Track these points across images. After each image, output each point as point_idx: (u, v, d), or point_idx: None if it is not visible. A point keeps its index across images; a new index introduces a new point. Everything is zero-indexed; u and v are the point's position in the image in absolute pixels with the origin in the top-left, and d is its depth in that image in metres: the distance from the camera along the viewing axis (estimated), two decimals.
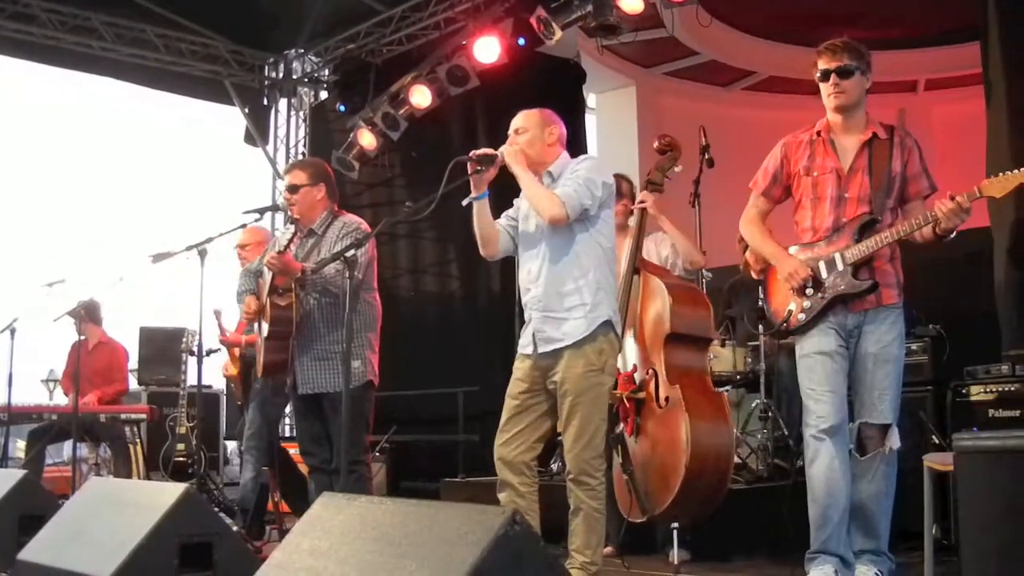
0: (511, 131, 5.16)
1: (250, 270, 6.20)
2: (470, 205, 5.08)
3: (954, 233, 4.65)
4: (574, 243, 5.00)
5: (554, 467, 7.53)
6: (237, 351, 7.72)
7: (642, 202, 6.14)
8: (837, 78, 4.86)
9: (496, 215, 5.19)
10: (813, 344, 4.91)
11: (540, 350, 4.99)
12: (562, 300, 4.97)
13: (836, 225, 4.88)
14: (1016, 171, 4.51)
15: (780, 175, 5.10)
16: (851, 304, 4.83)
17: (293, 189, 5.92)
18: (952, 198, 4.53)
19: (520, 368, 5.08)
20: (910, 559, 5.66)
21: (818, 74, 4.95)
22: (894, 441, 4.75)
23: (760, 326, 7.64)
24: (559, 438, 5.28)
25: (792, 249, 5.02)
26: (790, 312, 4.95)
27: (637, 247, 5.90)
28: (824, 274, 4.86)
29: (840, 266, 4.83)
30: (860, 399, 4.84)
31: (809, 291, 4.87)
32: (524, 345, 5.08)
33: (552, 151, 5.16)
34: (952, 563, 5.04)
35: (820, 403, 4.83)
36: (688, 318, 5.60)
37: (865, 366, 4.81)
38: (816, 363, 4.88)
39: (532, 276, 5.07)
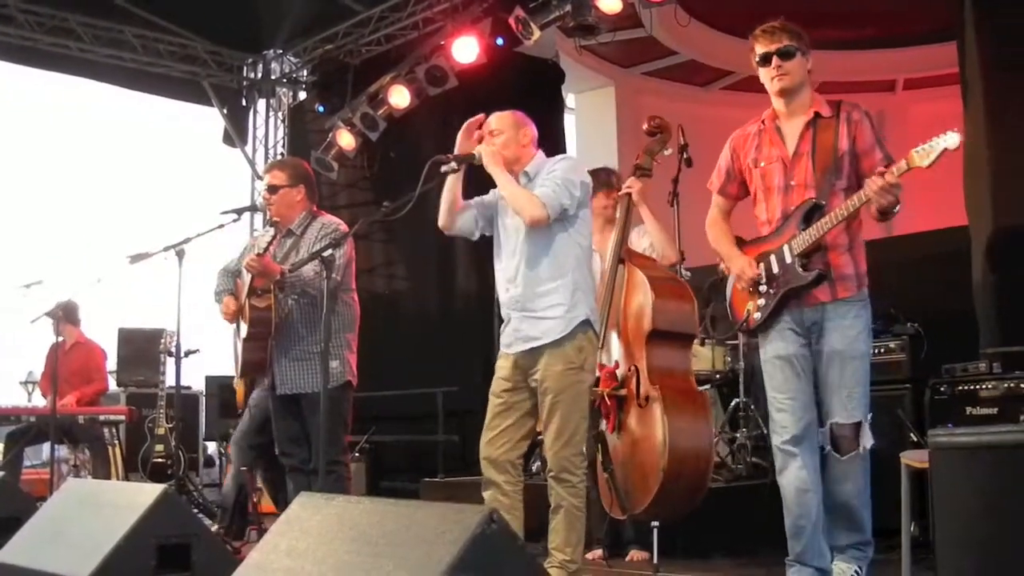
0: (487, 131, 5.18)
1: (228, 269, 6.18)
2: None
3: (894, 211, 4.42)
4: (552, 243, 5.04)
5: (533, 467, 7.53)
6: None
7: (628, 188, 6.04)
8: (779, 60, 4.74)
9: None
10: (772, 348, 4.78)
11: (519, 349, 5.02)
12: (540, 300, 5.00)
13: (784, 215, 4.72)
14: (939, 136, 4.27)
15: (732, 171, 5.01)
16: (804, 299, 4.65)
17: (272, 189, 5.91)
18: (881, 174, 4.36)
19: (503, 367, 5.11)
20: (889, 557, 5.68)
21: (757, 59, 4.84)
22: (867, 439, 4.62)
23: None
24: (539, 437, 5.29)
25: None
26: (748, 312, 4.82)
27: (622, 236, 5.83)
28: (775, 268, 4.70)
29: (788, 258, 4.65)
30: (829, 399, 4.65)
31: (763, 287, 4.74)
32: (506, 344, 5.10)
33: (527, 152, 5.19)
34: (929, 560, 5.05)
35: (781, 412, 4.72)
36: (671, 314, 5.54)
37: (831, 364, 4.63)
38: (775, 369, 4.76)
39: (510, 276, 5.09)
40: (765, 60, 4.79)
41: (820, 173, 4.64)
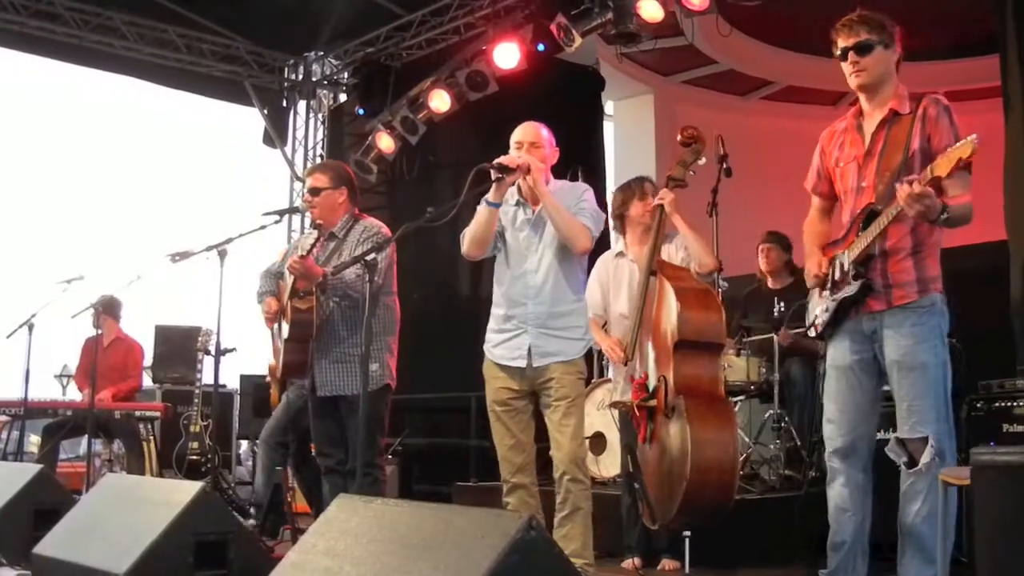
0: (524, 142, 5.22)
1: (270, 271, 6.23)
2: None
3: (942, 218, 4.12)
4: (573, 266, 5.25)
5: None
6: None
7: (660, 199, 6.01)
8: (855, 55, 4.47)
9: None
10: (830, 356, 4.60)
11: (535, 364, 5.15)
12: (562, 319, 5.18)
13: (851, 218, 4.51)
14: (959, 143, 3.96)
15: (821, 170, 4.78)
16: (861, 307, 4.43)
17: (315, 192, 5.94)
18: (910, 183, 4.06)
19: (504, 377, 5.24)
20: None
21: (837, 53, 4.56)
22: (926, 456, 4.27)
23: (775, 335, 7.68)
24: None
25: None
26: (816, 315, 4.65)
27: (654, 248, 5.84)
28: (837, 275, 4.53)
29: (845, 265, 4.47)
30: (897, 411, 4.39)
31: (826, 293, 4.58)
32: (510, 358, 5.18)
33: (548, 171, 5.30)
34: None
35: (829, 424, 4.57)
36: (697, 324, 5.51)
37: (892, 376, 4.39)
38: (830, 378, 4.59)
39: (532, 291, 5.17)
40: (843, 55, 4.52)
41: (881, 174, 4.40)
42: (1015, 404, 5.90)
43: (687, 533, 5.51)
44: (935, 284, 4.40)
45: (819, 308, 4.63)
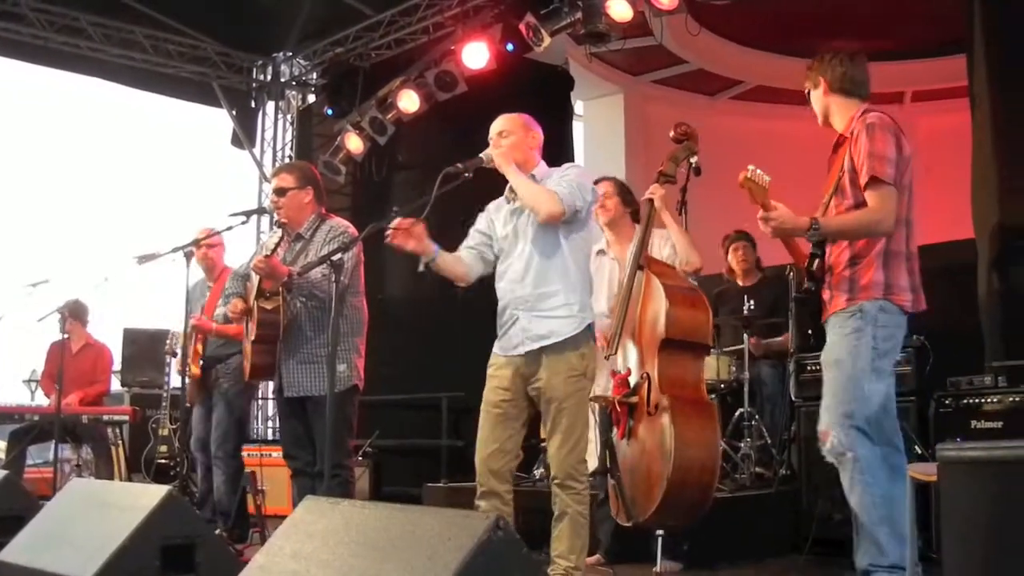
0: (493, 134, 5.20)
1: (237, 273, 6.19)
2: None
3: (809, 234, 4.48)
4: (560, 245, 5.09)
5: (537, 473, 7.53)
6: (200, 348, 7.55)
7: (651, 194, 5.98)
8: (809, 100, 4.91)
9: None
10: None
11: (527, 349, 5.03)
12: (549, 299, 5.05)
13: None
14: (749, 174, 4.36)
15: None
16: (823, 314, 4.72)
17: (281, 192, 5.91)
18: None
19: (502, 376, 5.11)
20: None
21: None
22: (826, 445, 4.51)
23: (745, 334, 7.70)
24: (542, 444, 5.29)
25: None
26: None
27: (643, 242, 5.82)
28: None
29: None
30: None
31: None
32: (510, 347, 5.09)
33: (534, 156, 5.25)
34: (934, 573, 5.04)
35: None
36: (685, 323, 5.51)
37: None
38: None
39: (517, 276, 5.10)
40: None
41: (825, 195, 4.68)
42: (983, 401, 5.93)
43: (660, 532, 5.50)
44: (866, 292, 4.56)
45: None
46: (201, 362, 7.47)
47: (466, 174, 5.00)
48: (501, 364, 5.14)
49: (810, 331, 6.92)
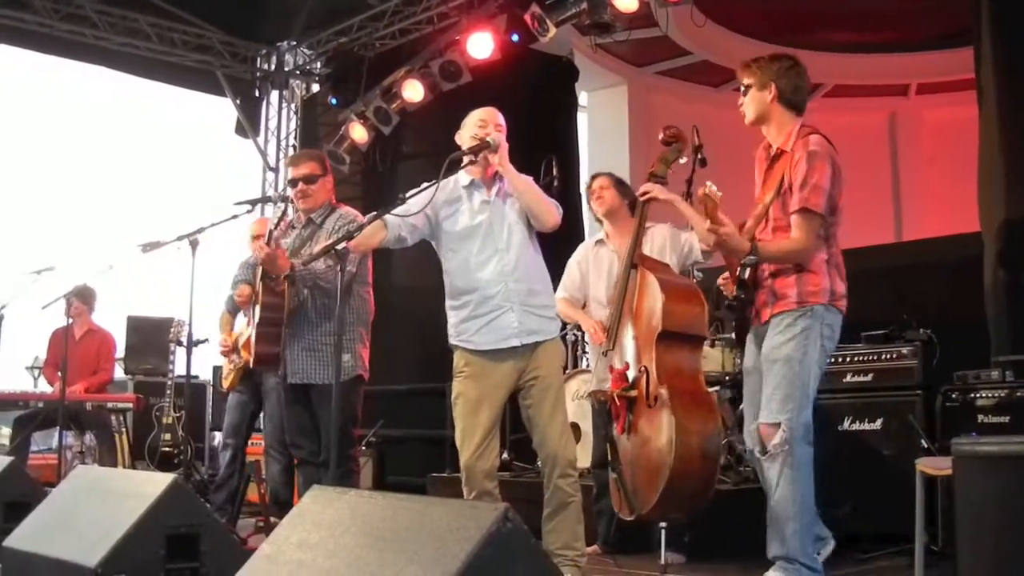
0: (492, 122, 5.18)
1: (247, 262, 6.19)
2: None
3: (749, 256, 4.74)
4: (535, 248, 5.22)
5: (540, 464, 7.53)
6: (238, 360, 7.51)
7: (644, 193, 5.93)
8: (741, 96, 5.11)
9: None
10: (744, 359, 5.08)
11: (522, 341, 5.06)
12: (536, 297, 5.15)
13: None
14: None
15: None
16: (755, 318, 4.89)
17: (311, 179, 5.91)
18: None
19: (485, 368, 5.11)
20: (895, 563, 5.67)
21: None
22: (776, 439, 4.63)
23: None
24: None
25: None
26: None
27: (636, 241, 5.82)
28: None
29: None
30: (762, 400, 4.78)
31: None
32: (498, 339, 5.08)
33: None
34: (939, 568, 5.04)
35: (748, 423, 4.94)
36: (681, 316, 5.53)
37: (763, 370, 4.79)
38: (745, 380, 5.06)
39: (508, 270, 5.08)
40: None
41: (759, 206, 4.91)
42: (990, 395, 5.92)
43: (662, 525, 5.50)
44: (815, 297, 4.72)
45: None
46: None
47: (473, 159, 5.00)
48: (483, 356, 5.12)
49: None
